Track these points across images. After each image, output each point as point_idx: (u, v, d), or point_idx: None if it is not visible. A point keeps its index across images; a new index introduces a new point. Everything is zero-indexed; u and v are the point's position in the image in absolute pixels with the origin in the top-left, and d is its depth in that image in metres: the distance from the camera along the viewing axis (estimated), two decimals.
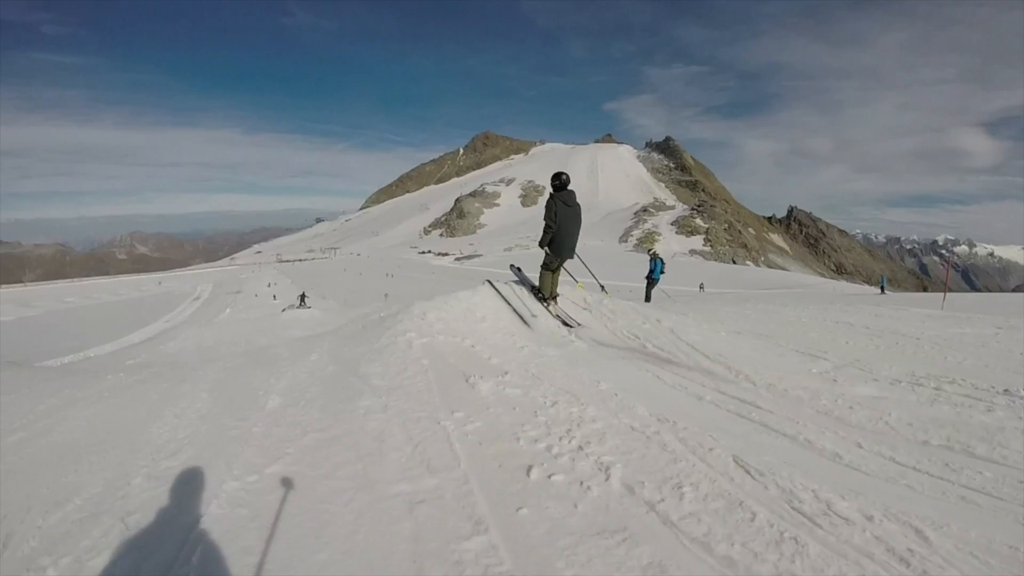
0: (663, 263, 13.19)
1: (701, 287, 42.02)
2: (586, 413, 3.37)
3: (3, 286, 55.41)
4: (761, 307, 9.40)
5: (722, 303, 11.50)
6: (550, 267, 6.34)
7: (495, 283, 6.64)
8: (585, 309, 6.45)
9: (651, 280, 12.87)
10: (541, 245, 6.14)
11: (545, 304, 6.43)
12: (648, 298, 12.38)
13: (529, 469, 2.66)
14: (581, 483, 2.52)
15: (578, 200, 6.16)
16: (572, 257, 6.30)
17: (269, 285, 52.81)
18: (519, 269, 7.58)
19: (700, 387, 4.03)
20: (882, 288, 32.46)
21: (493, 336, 5.30)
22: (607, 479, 2.54)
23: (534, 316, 5.95)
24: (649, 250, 14.88)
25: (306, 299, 30.28)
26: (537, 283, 6.60)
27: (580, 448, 2.88)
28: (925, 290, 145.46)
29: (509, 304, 6.14)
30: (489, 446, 2.96)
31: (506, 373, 4.23)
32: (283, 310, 27.30)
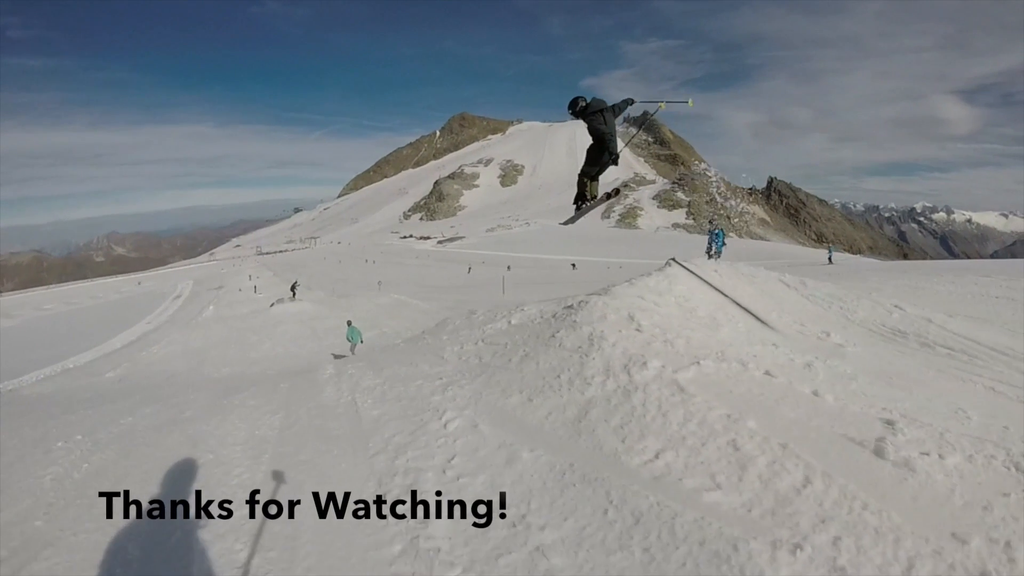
0: (724, 234, 12.54)
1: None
2: None
3: None
4: (905, 283, 8.48)
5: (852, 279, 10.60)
6: (590, 174, 6.03)
7: (685, 263, 5.52)
8: (792, 291, 5.43)
9: (713, 254, 12.24)
10: (604, 155, 5.65)
11: (588, 204, 6.20)
12: None
13: None
14: None
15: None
16: (616, 162, 5.89)
17: (250, 278, 51.71)
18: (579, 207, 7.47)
19: None
20: (829, 258, 32.54)
21: (752, 348, 4.05)
22: None
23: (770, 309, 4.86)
24: (711, 221, 14.19)
25: (296, 290, 29.69)
26: (579, 192, 6.21)
27: None
28: (906, 257, 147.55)
29: (725, 294, 5.02)
30: None
31: (891, 424, 2.89)
32: (271, 304, 26.67)
